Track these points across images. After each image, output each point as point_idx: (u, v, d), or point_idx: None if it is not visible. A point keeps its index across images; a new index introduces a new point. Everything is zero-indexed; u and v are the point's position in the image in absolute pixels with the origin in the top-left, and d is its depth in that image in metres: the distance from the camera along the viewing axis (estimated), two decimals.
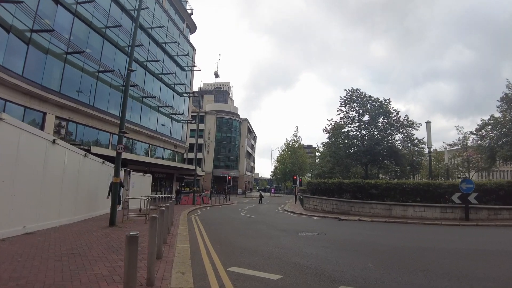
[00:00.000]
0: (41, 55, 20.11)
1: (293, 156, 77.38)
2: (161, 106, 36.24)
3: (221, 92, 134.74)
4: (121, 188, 15.60)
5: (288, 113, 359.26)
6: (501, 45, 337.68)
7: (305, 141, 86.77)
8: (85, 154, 13.24)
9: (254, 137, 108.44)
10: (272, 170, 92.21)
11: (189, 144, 46.99)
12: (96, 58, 25.01)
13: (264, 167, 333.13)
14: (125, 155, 25.97)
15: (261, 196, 41.59)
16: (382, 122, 31.97)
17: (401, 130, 31.28)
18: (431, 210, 16.24)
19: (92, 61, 24.35)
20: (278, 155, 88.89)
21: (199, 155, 63.93)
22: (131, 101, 30.71)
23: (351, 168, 36.26)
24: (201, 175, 54.63)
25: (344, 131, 34.21)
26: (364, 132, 32.92)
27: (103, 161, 16.20)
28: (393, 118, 31.38)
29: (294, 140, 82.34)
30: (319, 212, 20.48)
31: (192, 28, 49.23)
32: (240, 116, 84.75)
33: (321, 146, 53.86)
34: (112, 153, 24.60)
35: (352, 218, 16.95)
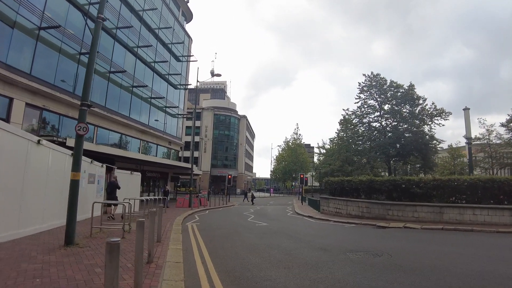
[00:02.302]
0: (5, 28, 16.29)
1: (294, 155, 74.04)
2: (154, 98, 32.34)
3: (217, 91, 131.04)
4: (117, 190, 13.80)
5: (286, 112, 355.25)
6: (500, 44, 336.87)
7: (304, 141, 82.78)
8: (39, 141, 9.41)
9: (253, 135, 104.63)
10: (272, 169, 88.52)
11: (185, 142, 43.13)
12: (78, 38, 21.20)
13: (261, 167, 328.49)
14: (111, 151, 22.19)
15: (253, 197, 37.73)
16: (406, 111, 28.15)
17: (427, 121, 27.45)
18: (497, 214, 12.59)
19: (72, 40, 20.55)
20: (277, 154, 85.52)
21: (196, 154, 60.13)
22: (119, 90, 26.95)
23: (374, 162, 32.15)
24: (198, 175, 50.86)
25: (365, 122, 30.42)
26: (385, 123, 29.15)
27: (72, 153, 12.33)
28: (419, 107, 27.66)
29: (294, 138, 79.32)
30: (344, 217, 16.77)
31: (188, 16, 45.45)
32: (238, 113, 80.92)
33: (327, 143, 50.48)
34: (94, 147, 20.73)
35: (395, 225, 13.26)
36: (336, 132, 44.00)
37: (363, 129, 30.86)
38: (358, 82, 29.93)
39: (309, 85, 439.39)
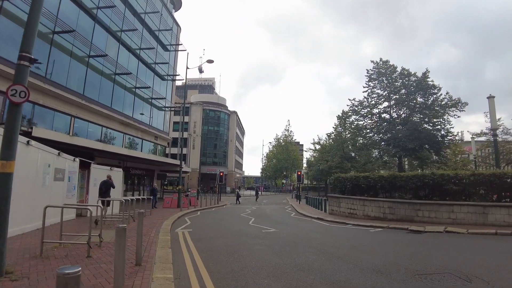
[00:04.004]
0: None
1: (285, 152, 72.06)
2: (139, 88, 29.37)
3: (205, 87, 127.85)
4: (111, 189, 13.04)
5: (275, 111, 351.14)
6: (485, 45, 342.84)
7: (295, 138, 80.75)
8: None
9: (243, 132, 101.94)
10: (262, 167, 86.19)
11: (172, 138, 40.14)
12: (52, 14, 18.27)
13: (250, 165, 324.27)
14: (89, 144, 19.29)
15: (238, 196, 35.24)
16: (419, 102, 25.77)
17: (440, 112, 25.09)
18: None
19: (44, 16, 17.66)
20: (268, 151, 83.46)
21: (184, 151, 57.01)
22: (100, 78, 23.96)
23: (388, 156, 29.49)
24: (186, 172, 47.95)
25: (376, 112, 27.92)
26: (396, 114, 26.82)
27: (28, 141, 9.55)
28: (433, 96, 25.43)
29: (285, 134, 77.47)
30: (361, 219, 14.37)
31: (177, 4, 42.55)
32: (228, 109, 78.03)
33: (323, 139, 48.31)
34: (68, 139, 17.72)
35: (431, 228, 10.89)
36: (333, 127, 41.92)
37: (371, 121, 28.48)
38: (366, 69, 27.66)
39: (299, 83, 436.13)
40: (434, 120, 25.64)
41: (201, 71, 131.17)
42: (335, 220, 14.39)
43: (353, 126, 31.54)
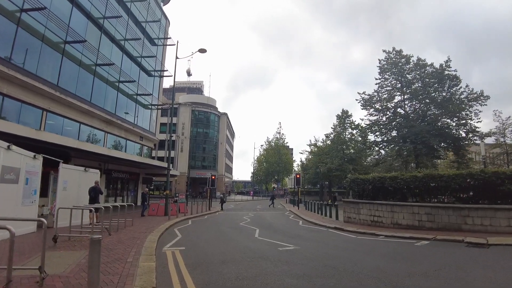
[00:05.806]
0: None
1: (277, 155, 70.08)
2: (123, 82, 26.40)
3: (194, 90, 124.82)
4: (99, 195, 13.16)
5: (264, 115, 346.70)
6: (471, 51, 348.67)
7: (286, 141, 78.91)
8: None
9: (233, 134, 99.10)
10: (253, 171, 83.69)
11: (159, 140, 37.14)
12: None
13: (238, 169, 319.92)
14: (62, 141, 16.20)
15: (222, 202, 32.66)
16: (438, 96, 23.40)
17: (460, 106, 22.73)
18: None
19: None
20: (259, 155, 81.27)
21: (171, 153, 53.87)
22: (78, 69, 20.95)
23: (409, 155, 26.79)
24: (174, 176, 44.95)
25: (391, 107, 25.45)
26: (410, 108, 24.49)
27: None
28: (453, 89, 23.16)
29: (277, 137, 75.65)
30: (390, 229, 11.85)
31: None
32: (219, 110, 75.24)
33: (320, 140, 46.16)
34: (35, 133, 14.62)
35: (497, 240, 8.46)
36: (332, 128, 39.90)
37: (384, 115, 26.04)
38: (378, 59, 25.39)
39: (289, 87, 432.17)
40: (458, 115, 23.26)
41: (189, 74, 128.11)
42: (359, 231, 11.80)
43: (354, 125, 29.27)
